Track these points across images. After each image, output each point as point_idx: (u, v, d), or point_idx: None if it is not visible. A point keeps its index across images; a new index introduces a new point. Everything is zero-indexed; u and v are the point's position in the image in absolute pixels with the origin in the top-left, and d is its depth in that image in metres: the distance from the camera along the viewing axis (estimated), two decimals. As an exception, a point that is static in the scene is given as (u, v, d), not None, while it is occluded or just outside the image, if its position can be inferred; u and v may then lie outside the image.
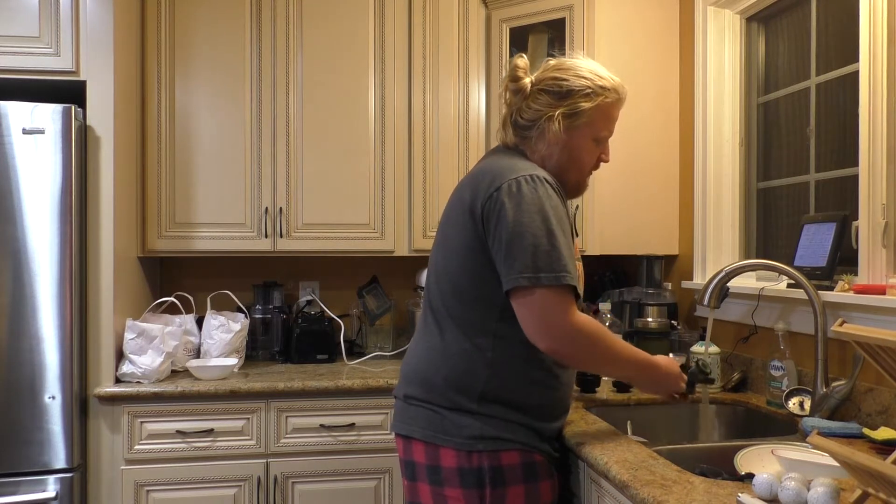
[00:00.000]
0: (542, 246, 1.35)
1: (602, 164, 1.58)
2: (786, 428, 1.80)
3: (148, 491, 2.26)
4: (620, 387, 2.10)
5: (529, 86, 1.51)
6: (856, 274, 1.76)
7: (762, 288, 2.05)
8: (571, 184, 1.54)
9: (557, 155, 1.50)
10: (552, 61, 1.53)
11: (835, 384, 1.71)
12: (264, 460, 2.32)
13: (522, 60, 1.52)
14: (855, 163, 1.79)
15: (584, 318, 1.40)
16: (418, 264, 2.88)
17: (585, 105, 1.48)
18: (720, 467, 1.43)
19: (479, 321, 1.43)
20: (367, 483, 2.38)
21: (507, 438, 1.41)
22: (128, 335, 2.30)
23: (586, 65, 1.52)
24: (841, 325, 1.11)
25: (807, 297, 1.77)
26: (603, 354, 1.44)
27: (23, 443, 2.14)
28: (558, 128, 1.47)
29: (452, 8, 2.74)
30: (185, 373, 2.47)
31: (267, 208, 2.63)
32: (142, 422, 2.25)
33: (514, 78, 1.52)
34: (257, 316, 2.81)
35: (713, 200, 2.43)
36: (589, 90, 1.48)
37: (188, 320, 2.59)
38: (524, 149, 1.53)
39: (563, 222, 1.41)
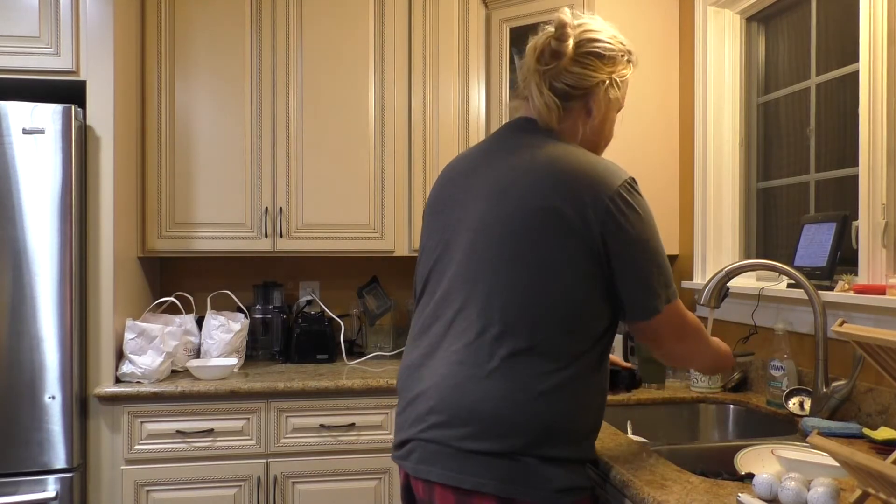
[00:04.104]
0: (665, 263, 1.28)
1: (625, 120, 1.47)
2: (786, 428, 1.80)
3: (148, 491, 2.26)
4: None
5: (572, 48, 1.30)
6: (856, 274, 1.76)
7: (762, 288, 2.05)
8: None
9: (598, 128, 1.35)
10: (576, 28, 1.32)
11: (835, 384, 1.71)
12: (264, 460, 2.32)
13: (569, 16, 1.30)
14: (855, 163, 1.79)
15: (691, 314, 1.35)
16: (418, 264, 2.88)
17: (627, 73, 1.35)
18: (720, 467, 1.43)
19: (569, 351, 1.22)
20: (367, 483, 2.38)
21: (584, 487, 1.24)
22: (128, 335, 2.30)
23: (610, 27, 1.36)
24: (841, 325, 1.11)
25: (807, 297, 1.77)
26: (706, 343, 1.40)
27: (23, 443, 2.14)
28: (617, 93, 1.33)
29: (452, 8, 2.74)
30: (185, 373, 2.47)
31: (267, 208, 2.63)
32: (142, 422, 2.26)
33: (563, 37, 1.29)
34: (257, 316, 2.81)
35: (713, 200, 2.43)
36: (626, 56, 1.35)
37: (188, 320, 2.59)
38: (564, 125, 1.33)
39: None
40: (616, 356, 1.72)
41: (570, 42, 1.29)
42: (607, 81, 1.31)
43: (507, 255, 1.23)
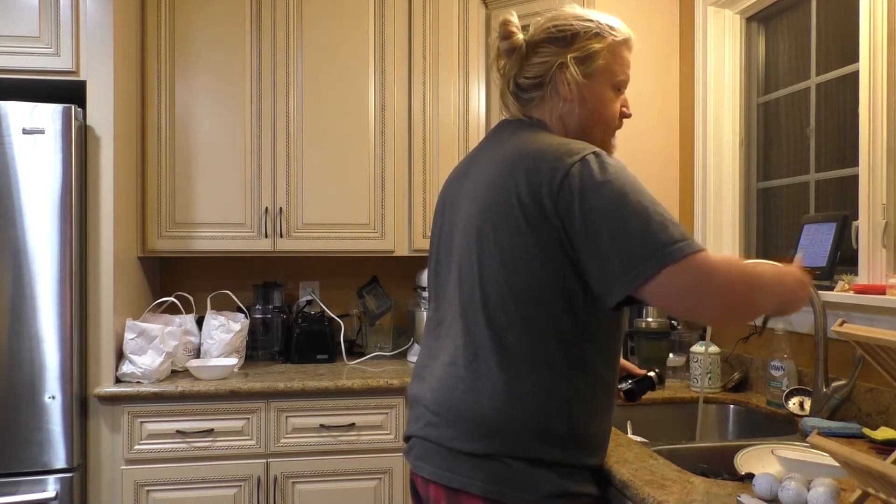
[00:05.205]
0: (651, 218, 1.09)
1: (625, 120, 1.37)
2: (786, 428, 1.80)
3: (148, 491, 2.26)
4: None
5: (524, 43, 1.31)
6: (856, 274, 1.76)
7: (762, 288, 2.04)
8: (597, 146, 1.24)
9: (578, 110, 1.29)
10: (540, 18, 1.34)
11: (835, 384, 1.71)
12: (264, 460, 2.32)
13: (514, 16, 1.32)
14: (855, 163, 1.79)
15: (721, 259, 1.11)
16: (418, 264, 2.88)
17: (597, 46, 1.29)
18: (720, 467, 1.43)
19: (555, 346, 1.18)
20: (367, 483, 2.38)
21: (580, 493, 1.20)
22: (128, 335, 2.30)
23: (583, 10, 1.35)
24: (841, 325, 1.11)
25: (807, 297, 1.77)
26: (758, 283, 1.15)
27: (23, 443, 2.14)
28: (575, 72, 1.27)
29: (452, 8, 2.74)
30: (185, 373, 2.47)
31: (267, 208, 2.63)
32: (142, 422, 2.25)
33: (506, 34, 1.30)
34: (257, 316, 2.81)
35: (713, 200, 2.43)
36: (596, 30, 1.30)
37: (188, 320, 2.59)
38: (539, 116, 1.32)
39: (646, 189, 1.16)
40: (632, 364, 1.66)
41: (519, 36, 1.30)
42: (562, 62, 1.28)
43: (483, 253, 1.21)
